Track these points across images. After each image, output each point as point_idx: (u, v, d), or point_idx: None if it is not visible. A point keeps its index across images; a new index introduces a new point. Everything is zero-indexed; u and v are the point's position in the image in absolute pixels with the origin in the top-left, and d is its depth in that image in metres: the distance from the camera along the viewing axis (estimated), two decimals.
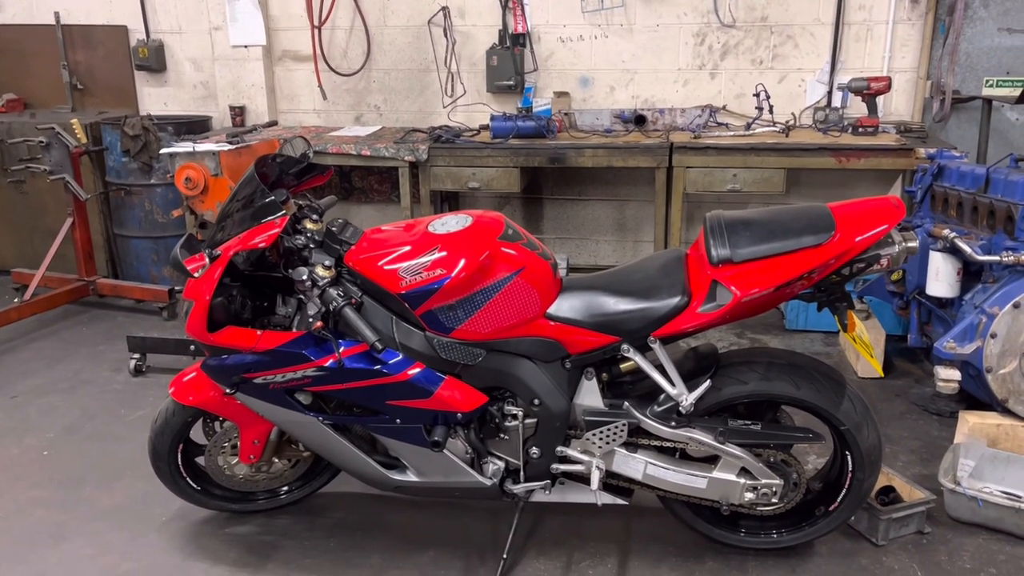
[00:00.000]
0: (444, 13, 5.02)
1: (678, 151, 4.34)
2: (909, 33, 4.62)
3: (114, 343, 4.36)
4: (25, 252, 5.31)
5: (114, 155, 4.99)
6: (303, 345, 2.31)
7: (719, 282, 2.16)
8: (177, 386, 2.58)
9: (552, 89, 5.02)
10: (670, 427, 2.34)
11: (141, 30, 5.42)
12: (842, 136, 4.37)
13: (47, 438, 3.42)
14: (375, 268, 2.30)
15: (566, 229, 5.34)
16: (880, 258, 2.16)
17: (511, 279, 2.27)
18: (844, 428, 2.33)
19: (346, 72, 5.23)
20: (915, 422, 3.44)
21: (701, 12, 4.79)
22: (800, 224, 2.15)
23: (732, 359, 2.40)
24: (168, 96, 5.57)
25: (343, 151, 4.57)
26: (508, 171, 4.51)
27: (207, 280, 2.26)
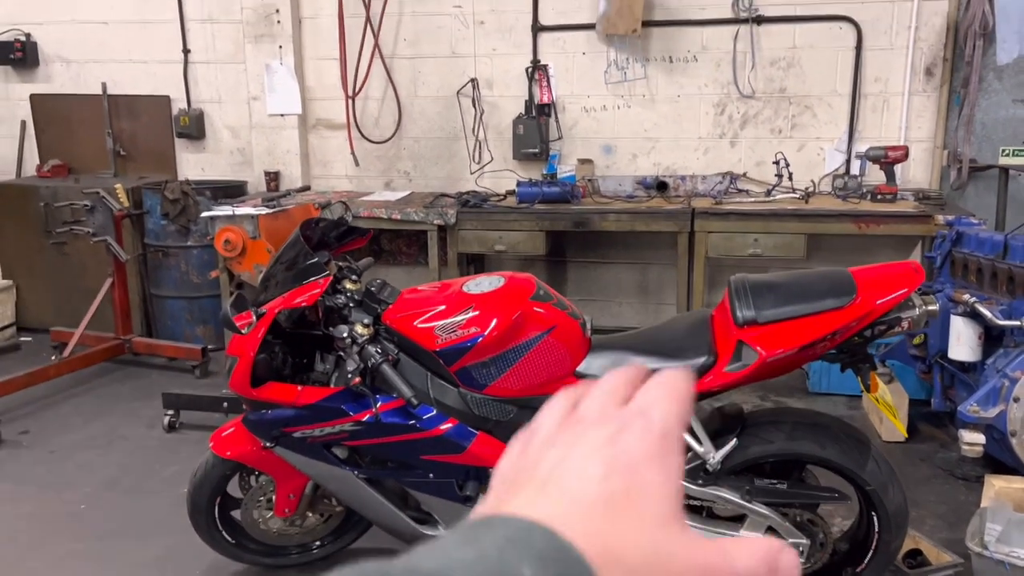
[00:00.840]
0: (473, 84, 5.22)
1: (700, 216, 4.45)
2: (924, 104, 4.75)
3: (149, 400, 4.46)
4: (63, 311, 5.47)
5: (154, 218, 5.17)
6: (342, 400, 2.40)
7: (744, 342, 2.24)
8: (217, 440, 2.66)
9: (576, 156, 5.18)
10: (697, 485, 2.39)
11: (183, 100, 5.67)
12: (861, 203, 4.47)
13: (85, 492, 3.50)
14: (412, 326, 2.40)
15: (589, 291, 5.43)
16: (901, 321, 2.23)
17: (542, 338, 2.35)
18: (870, 488, 2.37)
19: (378, 140, 5.43)
20: (941, 486, 3.45)
21: (721, 83, 4.96)
22: (822, 287, 2.24)
23: (758, 419, 2.46)
24: (206, 162, 5.79)
25: (374, 215, 4.72)
26: (534, 235, 4.63)
27: (252, 337, 2.36)
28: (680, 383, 0.43)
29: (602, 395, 0.44)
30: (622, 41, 4.99)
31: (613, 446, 0.39)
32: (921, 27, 4.65)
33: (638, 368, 0.46)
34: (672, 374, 0.44)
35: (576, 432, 0.41)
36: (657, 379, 0.44)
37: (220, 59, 5.58)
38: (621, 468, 0.38)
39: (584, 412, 0.42)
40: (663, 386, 0.43)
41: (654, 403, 0.42)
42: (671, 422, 0.41)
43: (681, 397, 0.43)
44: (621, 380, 0.45)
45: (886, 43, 4.72)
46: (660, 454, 0.39)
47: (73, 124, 5.86)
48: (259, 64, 5.39)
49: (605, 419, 0.41)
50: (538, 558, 0.33)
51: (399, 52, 5.31)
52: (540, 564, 0.32)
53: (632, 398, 0.43)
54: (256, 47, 5.38)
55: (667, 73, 5.01)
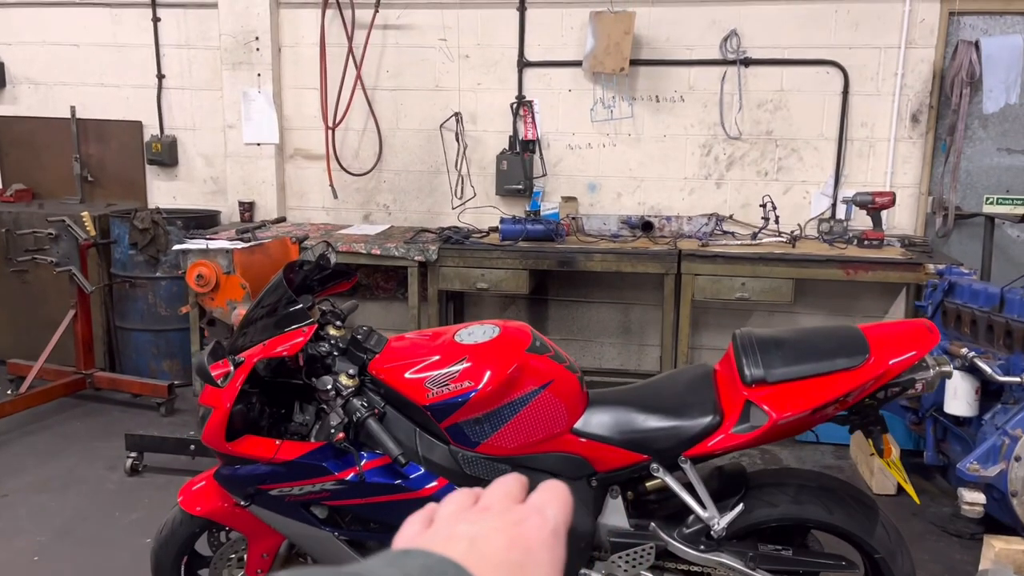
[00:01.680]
0: (456, 118, 5.13)
1: (687, 258, 4.37)
2: (910, 150, 4.74)
3: (109, 439, 4.24)
4: (22, 342, 5.23)
5: (121, 247, 4.98)
6: (323, 457, 2.24)
7: (753, 403, 2.13)
8: (186, 495, 2.48)
9: (560, 194, 5.10)
10: (699, 551, 2.26)
11: (156, 126, 5.50)
12: (848, 248, 4.42)
13: (38, 541, 3.28)
14: (400, 378, 2.25)
15: (570, 331, 5.32)
16: (915, 382, 2.14)
17: (539, 393, 2.23)
18: (878, 556, 2.26)
19: (357, 172, 5.30)
20: (935, 543, 3.36)
21: (708, 124, 4.91)
22: (833, 346, 2.14)
23: (761, 480, 2.35)
24: (177, 190, 5.61)
25: (353, 249, 4.58)
26: (517, 273, 4.52)
27: (229, 388, 2.20)
28: (564, 490, 0.52)
29: (502, 492, 0.51)
30: (609, 79, 4.93)
31: (516, 529, 0.46)
32: (907, 74, 4.66)
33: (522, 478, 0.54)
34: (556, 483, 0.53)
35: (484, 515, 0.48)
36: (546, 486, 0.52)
37: (196, 85, 5.44)
38: (521, 546, 0.45)
39: (489, 502, 0.49)
40: (552, 491, 0.52)
41: (547, 504, 0.49)
42: (560, 521, 0.49)
43: (567, 503, 0.51)
44: (514, 484, 0.53)
45: (873, 89, 4.72)
46: (550, 545, 0.47)
47: (39, 148, 5.66)
48: (236, 92, 5.25)
49: (509, 509, 0.48)
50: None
51: (381, 84, 5.21)
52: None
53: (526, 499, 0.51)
54: (234, 74, 5.24)
55: (654, 112, 4.96)
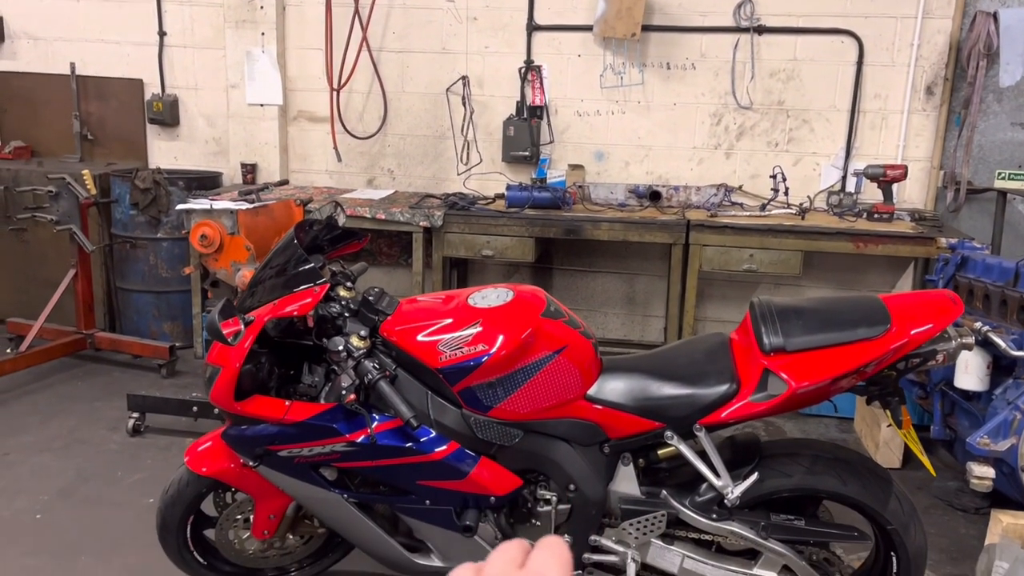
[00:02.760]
0: (463, 82, 5.05)
1: (695, 229, 4.33)
2: (923, 123, 4.68)
3: (111, 400, 4.21)
4: (22, 301, 5.18)
5: (122, 207, 4.92)
6: (333, 419, 2.21)
7: (772, 371, 2.10)
8: (192, 455, 2.46)
9: (567, 161, 5.03)
10: (711, 519, 2.25)
11: (157, 84, 5.41)
12: (858, 221, 4.38)
13: (40, 500, 3.26)
14: (413, 341, 2.22)
15: (575, 300, 5.29)
16: (936, 354, 2.11)
17: (553, 358, 2.20)
18: (891, 528, 2.25)
19: (362, 135, 5.22)
20: (941, 517, 3.36)
21: (719, 93, 4.84)
22: (855, 316, 2.11)
23: (775, 450, 2.32)
24: (179, 150, 5.53)
25: (357, 214, 4.52)
26: (523, 241, 4.48)
27: (238, 347, 2.17)
28: (563, 549, 0.52)
29: (502, 560, 0.51)
30: (619, 45, 4.85)
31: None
32: (923, 45, 4.58)
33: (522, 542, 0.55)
34: (554, 540, 0.53)
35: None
36: (544, 545, 0.52)
37: (198, 44, 5.34)
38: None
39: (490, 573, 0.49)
40: (550, 550, 0.51)
41: (546, 565, 0.49)
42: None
43: (567, 561, 0.50)
44: (515, 550, 0.53)
45: (887, 59, 4.64)
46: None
47: (38, 105, 5.56)
48: (239, 51, 5.16)
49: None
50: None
51: (387, 45, 5.12)
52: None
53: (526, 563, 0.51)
54: (237, 33, 5.15)
55: (664, 80, 4.88)
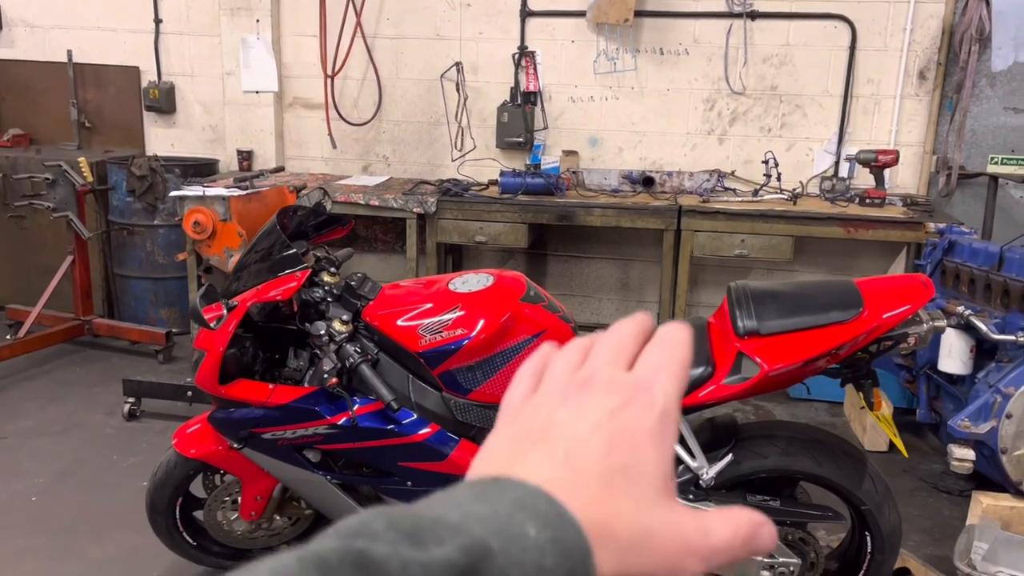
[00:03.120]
0: (457, 68, 5.06)
1: (687, 214, 4.35)
2: (916, 108, 4.68)
3: (108, 385, 4.27)
4: (21, 288, 5.23)
5: (119, 194, 4.96)
6: (316, 401, 2.25)
7: (745, 354, 2.13)
8: (180, 438, 2.51)
9: (561, 147, 5.05)
10: (687, 500, 2.28)
11: (153, 72, 5.44)
12: (849, 206, 4.39)
13: (37, 483, 3.32)
14: (393, 325, 2.26)
15: (569, 286, 5.32)
16: (907, 336, 2.14)
17: (531, 341, 2.23)
18: (865, 508, 2.29)
19: (356, 122, 5.25)
20: (925, 499, 3.39)
21: (712, 79, 4.85)
22: (828, 299, 2.13)
23: (751, 432, 2.36)
24: (175, 137, 5.57)
25: (351, 200, 4.55)
26: (516, 227, 4.50)
27: (222, 331, 2.21)
28: (681, 347, 0.46)
29: (609, 353, 0.46)
30: (613, 31, 4.85)
31: (617, 420, 0.42)
32: (916, 29, 4.58)
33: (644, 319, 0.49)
34: (674, 333, 0.47)
35: (584, 397, 0.43)
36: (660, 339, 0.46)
37: (194, 31, 5.36)
38: (623, 444, 0.41)
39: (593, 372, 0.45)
40: (666, 350, 0.45)
41: (656, 375, 0.44)
42: (671, 400, 0.44)
43: (682, 367, 0.45)
44: (628, 337, 0.48)
45: (880, 44, 4.64)
46: (659, 431, 0.42)
47: (36, 92, 5.60)
48: (235, 38, 5.18)
49: (612, 388, 0.44)
50: (542, 522, 0.36)
51: (381, 32, 5.13)
52: (543, 527, 0.36)
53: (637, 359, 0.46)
54: (232, 20, 5.16)
55: (657, 66, 4.89)
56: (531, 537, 0.36)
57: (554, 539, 0.36)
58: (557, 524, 0.37)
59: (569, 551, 0.37)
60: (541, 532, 0.36)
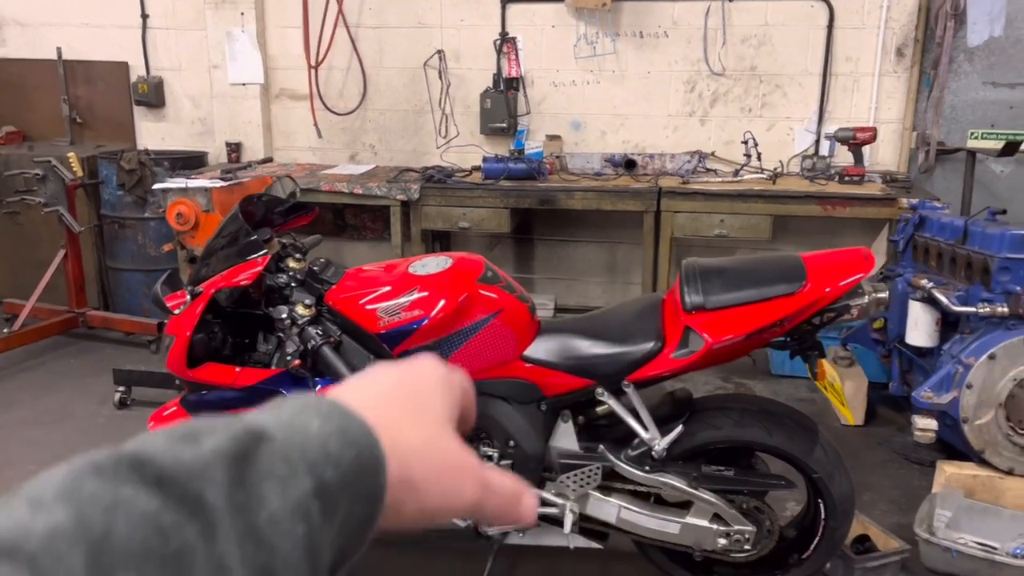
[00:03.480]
0: (440, 56, 5.11)
1: (666, 196, 4.39)
2: (895, 85, 4.71)
3: (101, 375, 4.36)
4: (17, 282, 5.33)
5: (109, 188, 5.04)
6: (280, 383, 2.33)
7: (692, 328, 2.19)
8: (157, 420, 2.58)
9: (544, 132, 5.10)
10: (644, 471, 2.35)
11: (142, 66, 5.51)
12: (828, 184, 4.43)
13: (27, 471, 3.41)
14: (354, 307, 2.33)
15: (556, 270, 5.38)
16: (850, 308, 2.19)
17: (488, 321, 2.30)
18: (816, 476, 2.34)
19: (342, 111, 5.31)
20: (896, 471, 3.45)
21: (691, 61, 4.88)
22: (773, 274, 2.19)
23: (707, 404, 2.42)
24: (166, 131, 5.65)
25: (336, 189, 4.62)
26: (498, 212, 4.56)
27: (188, 316, 2.28)
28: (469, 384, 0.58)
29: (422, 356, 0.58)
30: (592, 15, 4.89)
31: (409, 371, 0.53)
32: (893, 7, 4.59)
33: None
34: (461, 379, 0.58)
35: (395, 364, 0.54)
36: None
37: (180, 25, 5.43)
38: (410, 382, 0.52)
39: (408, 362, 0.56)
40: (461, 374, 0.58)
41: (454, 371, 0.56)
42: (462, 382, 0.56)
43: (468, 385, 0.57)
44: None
45: (858, 22, 4.66)
46: (443, 386, 0.53)
47: (28, 90, 5.69)
48: (220, 31, 5.25)
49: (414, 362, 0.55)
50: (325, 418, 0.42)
51: (364, 21, 5.19)
52: (326, 421, 0.42)
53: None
54: (217, 14, 5.23)
55: (637, 49, 4.93)
56: (314, 427, 0.41)
57: (339, 429, 0.42)
58: (341, 420, 0.42)
59: (355, 440, 0.42)
60: (325, 424, 0.42)
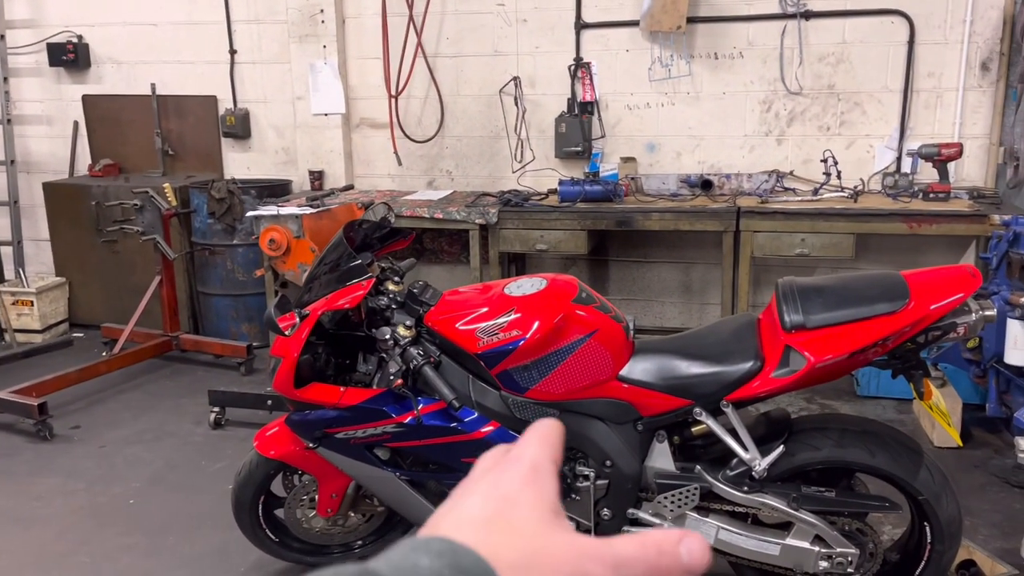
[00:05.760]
0: (515, 83, 5.21)
1: (745, 215, 4.38)
2: (980, 100, 4.61)
3: (195, 396, 4.53)
4: (114, 308, 5.58)
5: (200, 217, 5.26)
6: (384, 402, 2.40)
7: (792, 348, 2.19)
8: (261, 440, 2.69)
9: (619, 154, 5.14)
10: (742, 492, 2.34)
11: (229, 100, 5.75)
12: (912, 202, 4.35)
13: (133, 487, 3.57)
14: (453, 329, 2.39)
15: (631, 291, 5.39)
16: (956, 326, 2.16)
17: (584, 341, 2.33)
18: (922, 498, 2.30)
19: (420, 139, 5.44)
20: (996, 494, 3.35)
21: (767, 80, 4.87)
22: (874, 291, 2.18)
23: (805, 424, 2.41)
24: (251, 161, 5.86)
25: (416, 214, 4.73)
26: (575, 234, 4.61)
27: (296, 338, 2.38)
28: (549, 430, 0.57)
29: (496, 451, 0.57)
30: (666, 38, 4.93)
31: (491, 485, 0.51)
32: (976, 21, 4.52)
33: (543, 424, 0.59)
34: (540, 423, 0.57)
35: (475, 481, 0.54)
36: (530, 430, 0.57)
37: (266, 59, 5.65)
38: (495, 497, 0.50)
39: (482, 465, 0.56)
40: (534, 433, 0.56)
41: (525, 447, 0.54)
42: (539, 459, 0.53)
43: (549, 440, 0.56)
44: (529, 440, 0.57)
45: (940, 37, 4.59)
46: (532, 481, 0.51)
47: (123, 124, 5.97)
48: (303, 64, 5.44)
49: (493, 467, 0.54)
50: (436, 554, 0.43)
51: (441, 51, 5.32)
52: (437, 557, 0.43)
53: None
54: (301, 47, 5.43)
55: (712, 70, 4.94)
56: (424, 564, 0.42)
57: (452, 564, 0.43)
58: (452, 555, 0.43)
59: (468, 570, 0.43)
60: (435, 561, 0.43)
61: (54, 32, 5.89)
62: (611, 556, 0.47)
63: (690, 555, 0.48)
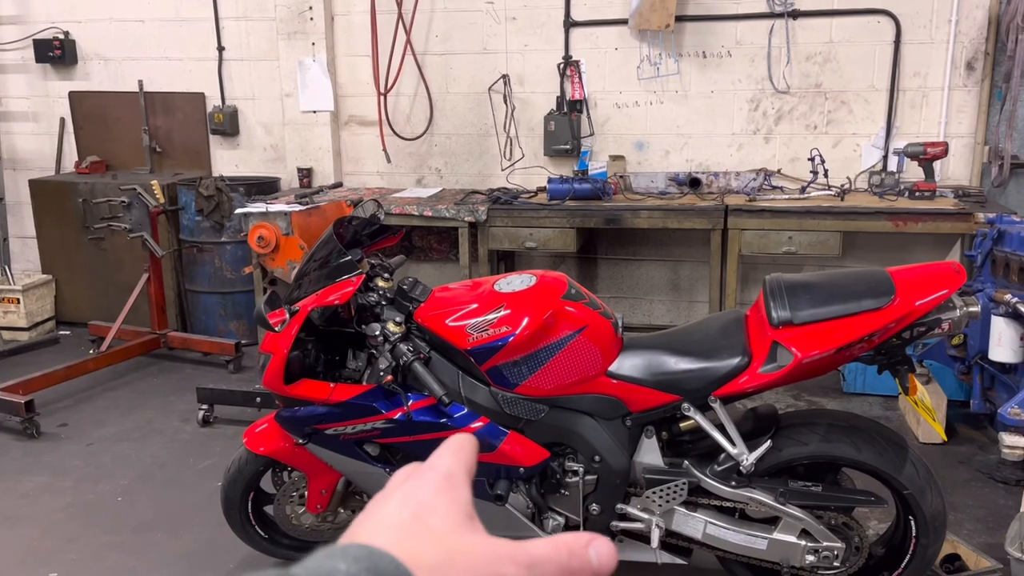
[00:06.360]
0: (504, 80, 5.21)
1: (733, 213, 4.40)
2: (965, 99, 4.65)
3: (183, 394, 4.52)
4: (101, 305, 5.56)
5: (188, 214, 5.24)
6: (373, 398, 2.40)
7: (780, 343, 2.21)
8: (250, 436, 2.69)
9: (608, 153, 5.15)
10: (730, 487, 2.36)
11: (217, 97, 5.73)
12: (899, 200, 4.39)
13: (121, 485, 3.56)
14: (443, 325, 2.40)
15: (620, 289, 5.41)
16: (941, 322, 2.18)
17: (573, 337, 2.34)
18: (907, 492, 2.33)
19: (409, 136, 5.44)
20: (980, 490, 3.38)
21: (755, 79, 4.90)
22: (860, 288, 2.20)
23: (792, 420, 2.43)
24: (239, 158, 5.85)
25: (406, 212, 4.74)
26: (564, 232, 4.62)
27: (285, 335, 2.38)
28: (463, 443, 0.59)
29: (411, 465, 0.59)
30: (655, 36, 4.95)
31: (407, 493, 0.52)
32: (962, 20, 4.56)
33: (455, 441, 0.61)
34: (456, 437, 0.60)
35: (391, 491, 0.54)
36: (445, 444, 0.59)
37: (254, 56, 5.63)
38: (411, 503, 0.51)
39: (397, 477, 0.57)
40: (448, 445, 0.58)
41: (439, 459, 0.56)
42: (453, 468, 0.55)
43: (463, 451, 0.57)
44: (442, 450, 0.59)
45: (926, 37, 4.63)
46: (447, 488, 0.53)
47: (110, 121, 5.95)
48: (292, 61, 5.43)
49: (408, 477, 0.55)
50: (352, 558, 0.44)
51: (431, 48, 5.32)
52: (353, 562, 0.44)
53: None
54: (289, 44, 5.42)
55: (700, 68, 4.96)
56: (342, 570, 0.43)
57: (369, 568, 0.43)
58: (369, 558, 0.44)
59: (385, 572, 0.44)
60: (352, 566, 0.43)
61: (41, 28, 5.86)
62: (525, 557, 0.48)
63: (598, 558, 0.50)
